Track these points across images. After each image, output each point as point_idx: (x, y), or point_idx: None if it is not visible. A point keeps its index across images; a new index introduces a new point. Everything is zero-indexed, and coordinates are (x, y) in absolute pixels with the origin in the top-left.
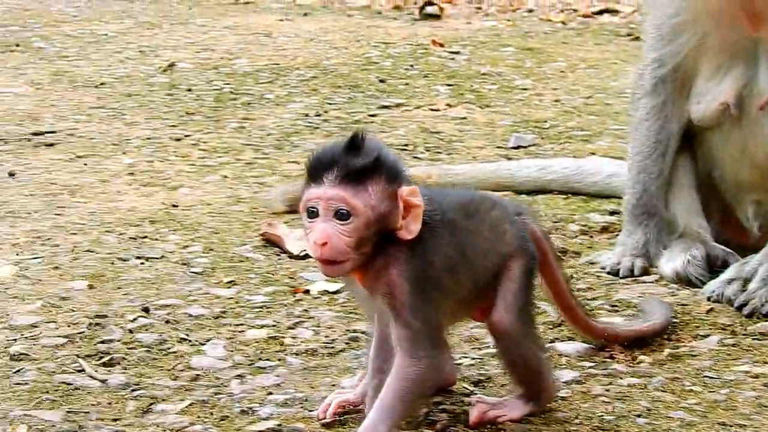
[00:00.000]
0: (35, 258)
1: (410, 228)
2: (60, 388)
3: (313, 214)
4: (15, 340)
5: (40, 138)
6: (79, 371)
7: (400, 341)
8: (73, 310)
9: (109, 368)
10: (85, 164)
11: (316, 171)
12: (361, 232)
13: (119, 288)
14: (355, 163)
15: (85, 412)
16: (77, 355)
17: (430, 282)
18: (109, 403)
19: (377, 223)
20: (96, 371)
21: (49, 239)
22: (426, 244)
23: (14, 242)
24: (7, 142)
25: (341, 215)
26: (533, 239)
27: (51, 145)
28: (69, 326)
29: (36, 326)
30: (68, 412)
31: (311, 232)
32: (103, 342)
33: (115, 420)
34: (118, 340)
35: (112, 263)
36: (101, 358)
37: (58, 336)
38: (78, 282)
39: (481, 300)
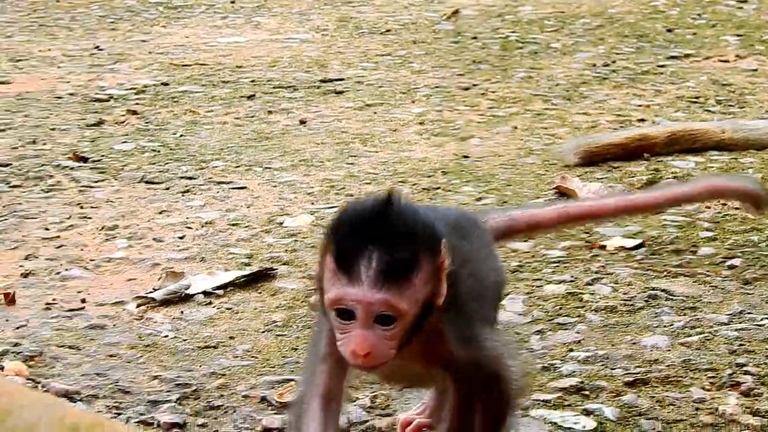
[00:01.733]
0: (330, 207)
1: (442, 292)
2: None
3: (346, 315)
4: (315, 289)
5: (328, 85)
6: None
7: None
8: None
9: None
10: (375, 113)
11: (349, 263)
12: (406, 330)
13: None
14: (398, 254)
15: None
16: None
17: (471, 316)
18: None
19: (422, 310)
20: None
21: (342, 188)
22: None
23: (309, 191)
24: (296, 89)
25: (385, 320)
26: (510, 226)
27: (340, 92)
28: None
29: None
30: None
31: (347, 337)
32: None
33: None
34: None
35: None
36: None
37: None
38: None
39: None
